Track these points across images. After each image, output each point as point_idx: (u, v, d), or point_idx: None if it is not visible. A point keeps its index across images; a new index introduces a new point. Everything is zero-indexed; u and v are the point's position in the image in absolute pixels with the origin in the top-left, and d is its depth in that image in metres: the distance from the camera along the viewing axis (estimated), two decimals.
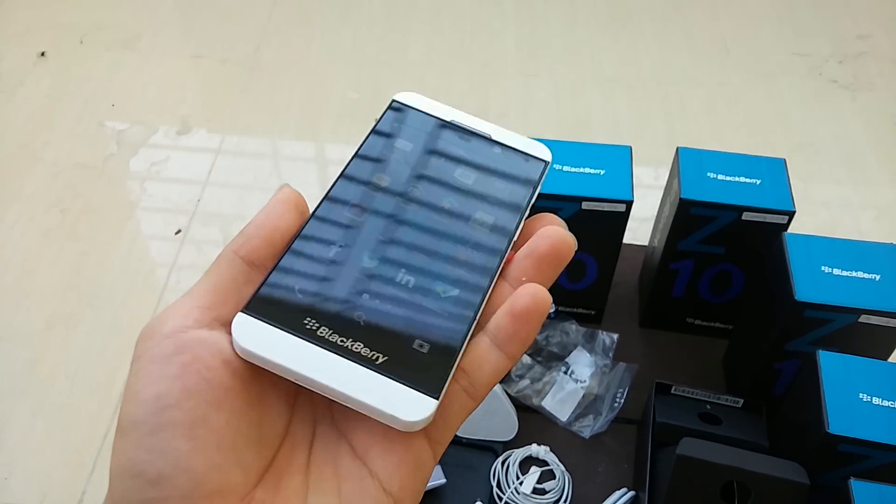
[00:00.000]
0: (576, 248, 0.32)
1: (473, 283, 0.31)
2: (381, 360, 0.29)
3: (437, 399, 0.28)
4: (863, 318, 0.71)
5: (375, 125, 0.36)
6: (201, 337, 0.28)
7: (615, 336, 0.91)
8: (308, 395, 0.30)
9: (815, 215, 1.31)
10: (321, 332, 0.29)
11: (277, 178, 1.43)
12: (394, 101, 0.37)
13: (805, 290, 0.72)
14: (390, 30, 1.78)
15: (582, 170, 0.81)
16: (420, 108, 0.37)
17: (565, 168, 0.82)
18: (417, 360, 0.29)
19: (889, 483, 0.62)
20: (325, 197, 0.33)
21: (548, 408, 0.87)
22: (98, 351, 1.17)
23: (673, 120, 1.52)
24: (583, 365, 0.89)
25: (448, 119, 0.37)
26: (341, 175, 0.34)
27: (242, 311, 0.29)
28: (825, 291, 0.72)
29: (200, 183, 1.42)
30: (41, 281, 1.26)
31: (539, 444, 0.85)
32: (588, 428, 0.86)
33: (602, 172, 0.81)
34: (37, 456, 1.05)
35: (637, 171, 0.83)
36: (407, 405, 0.27)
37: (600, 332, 0.91)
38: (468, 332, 0.30)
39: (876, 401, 0.66)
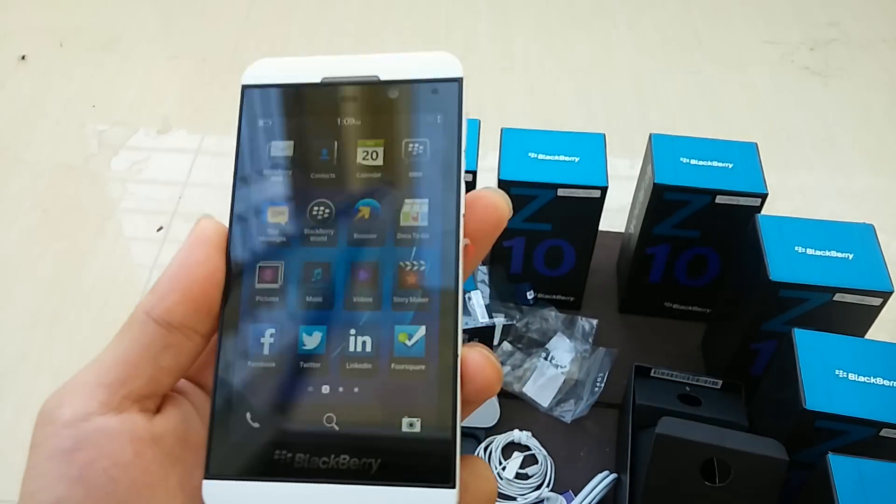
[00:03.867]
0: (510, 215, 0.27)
1: (438, 304, 0.26)
2: (375, 468, 0.24)
3: (455, 487, 0.24)
4: (837, 297, 0.72)
5: (238, 135, 0.28)
6: (107, 426, 0.24)
7: (594, 322, 0.92)
8: None
9: (790, 200, 1.32)
10: (298, 463, 0.25)
11: None
12: (244, 87, 0.29)
13: (779, 270, 0.72)
14: (366, 26, 1.79)
15: (557, 157, 0.82)
16: (279, 82, 0.28)
17: (540, 156, 0.82)
18: (415, 446, 0.24)
19: (867, 457, 0.62)
20: (227, 270, 0.27)
21: (529, 394, 0.88)
22: (82, 348, 1.17)
23: (647, 110, 1.53)
24: (563, 351, 0.90)
25: (319, 80, 0.28)
26: (231, 226, 0.27)
27: (206, 479, 0.25)
28: (799, 271, 0.72)
29: (181, 182, 1.42)
30: (25, 279, 1.26)
31: (521, 430, 0.85)
32: (569, 413, 0.87)
33: (577, 160, 0.82)
34: (21, 452, 1.05)
35: (613, 160, 0.84)
36: None
37: (580, 318, 0.92)
38: (456, 379, 0.25)
39: (852, 377, 0.67)
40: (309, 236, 0.27)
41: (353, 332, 0.26)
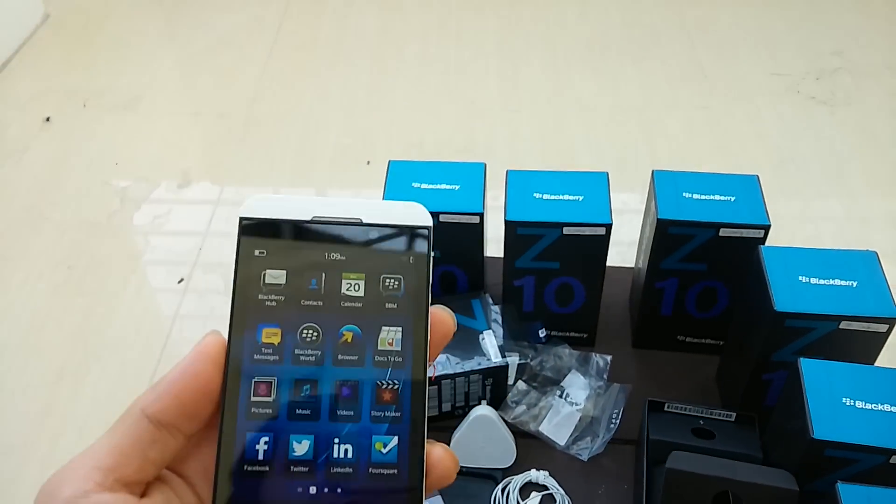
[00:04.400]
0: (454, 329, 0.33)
1: (409, 418, 0.30)
2: None
3: None
4: (843, 325, 0.72)
5: (236, 262, 0.32)
6: (102, 502, 0.27)
7: (608, 358, 0.92)
8: None
9: (801, 230, 1.32)
10: None
11: None
12: (242, 219, 0.32)
13: (784, 300, 0.72)
14: (378, 75, 1.83)
15: (562, 197, 0.83)
16: (273, 218, 0.32)
17: (546, 196, 0.84)
18: None
19: (878, 486, 0.62)
20: (224, 384, 0.30)
21: (545, 432, 0.87)
22: (105, 402, 1.19)
23: (655, 145, 1.54)
24: (577, 388, 0.90)
25: (308, 218, 0.32)
26: (229, 345, 0.31)
27: None
28: (804, 300, 0.72)
29: (201, 233, 1.45)
30: (49, 336, 1.28)
31: (538, 469, 0.85)
32: (586, 450, 0.87)
33: (581, 198, 0.83)
34: None
35: (623, 196, 0.86)
36: None
37: (593, 354, 0.92)
38: (422, 479, 0.29)
39: (859, 404, 0.66)
40: (299, 356, 0.31)
41: (336, 440, 0.30)
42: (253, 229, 0.32)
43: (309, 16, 2.04)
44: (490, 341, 0.85)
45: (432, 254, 0.32)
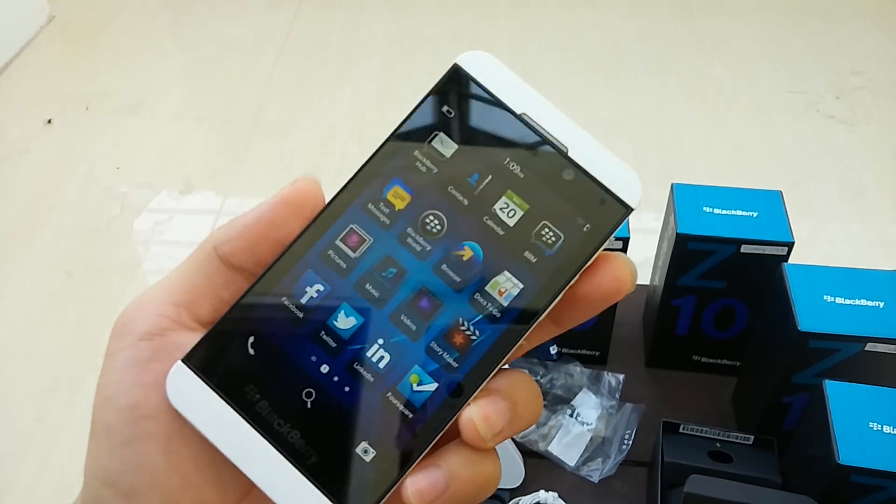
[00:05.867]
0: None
1: (460, 378, 0.25)
2: (312, 460, 0.25)
3: None
4: (869, 347, 0.70)
5: (421, 101, 0.27)
6: (179, 341, 0.26)
7: (621, 377, 0.90)
8: None
9: (819, 250, 1.30)
10: (260, 408, 0.25)
11: None
12: (456, 65, 0.27)
13: (808, 320, 0.70)
14: (387, 85, 1.81)
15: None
16: (487, 87, 0.27)
17: None
18: (355, 469, 0.25)
19: None
20: (323, 210, 0.27)
21: (555, 452, 0.86)
22: None
23: (671, 161, 1.53)
24: (589, 407, 0.88)
25: (519, 111, 0.27)
26: (353, 176, 0.27)
27: (182, 361, 0.25)
28: (829, 321, 0.70)
29: None
30: (45, 344, 1.26)
31: (547, 491, 0.82)
32: (597, 472, 0.85)
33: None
34: None
35: (637, 212, 0.83)
36: None
37: (606, 372, 0.90)
38: (428, 447, 0.25)
39: (887, 429, 0.65)
40: (408, 236, 0.26)
41: (380, 341, 0.26)
42: (459, 83, 0.27)
43: (318, 23, 2.02)
44: None
45: (613, 235, 0.26)
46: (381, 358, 0.26)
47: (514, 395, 0.25)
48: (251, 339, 0.26)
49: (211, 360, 0.25)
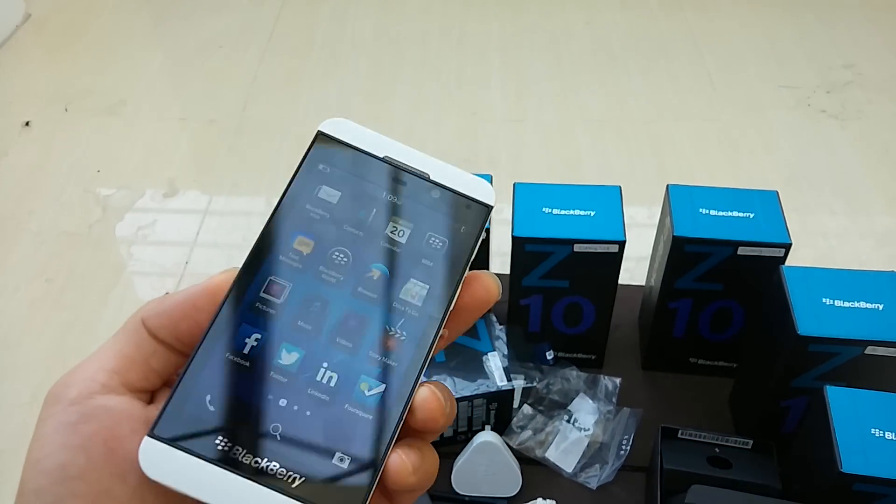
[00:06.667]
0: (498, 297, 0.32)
1: (402, 373, 0.29)
2: (297, 483, 0.27)
3: None
4: (869, 350, 0.69)
5: (299, 167, 0.33)
6: (108, 405, 0.27)
7: (617, 380, 0.89)
8: None
9: (813, 247, 1.30)
10: (234, 454, 0.27)
11: None
12: (320, 132, 0.33)
13: (807, 323, 0.70)
14: (376, 82, 1.79)
15: (572, 212, 0.80)
16: (350, 142, 0.33)
17: (555, 211, 0.80)
18: (336, 478, 0.28)
19: None
20: (240, 273, 0.30)
21: (552, 459, 0.85)
22: None
23: (663, 158, 1.52)
24: (586, 412, 0.86)
25: (381, 155, 0.33)
26: (259, 239, 0.31)
27: (149, 435, 0.27)
28: (828, 324, 0.70)
29: (188, 244, 1.41)
30: (26, 353, 1.24)
31: (545, 498, 0.82)
32: (595, 478, 0.84)
33: (592, 214, 0.79)
34: None
35: (630, 210, 0.82)
36: None
37: (602, 376, 0.89)
38: (391, 440, 0.28)
39: (889, 436, 0.64)
40: (322, 273, 0.31)
41: (325, 365, 0.29)
42: (326, 145, 0.33)
43: (304, 19, 2.00)
44: (494, 363, 0.82)
45: (483, 234, 0.32)
46: (331, 378, 0.29)
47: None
48: (208, 397, 0.28)
49: (175, 426, 0.27)
